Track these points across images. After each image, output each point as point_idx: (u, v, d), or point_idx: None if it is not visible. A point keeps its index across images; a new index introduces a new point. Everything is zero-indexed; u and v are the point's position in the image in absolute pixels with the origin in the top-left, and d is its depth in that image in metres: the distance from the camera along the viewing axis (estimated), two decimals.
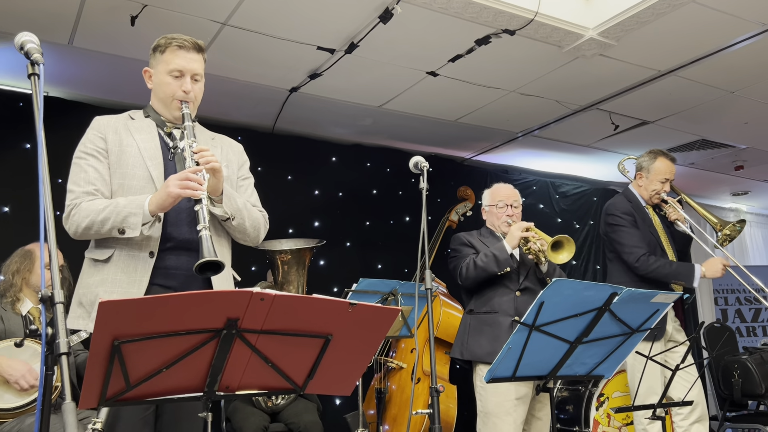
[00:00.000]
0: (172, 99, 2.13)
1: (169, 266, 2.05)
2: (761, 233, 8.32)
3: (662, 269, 3.28)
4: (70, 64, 3.94)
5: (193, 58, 2.14)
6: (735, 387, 4.42)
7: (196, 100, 2.18)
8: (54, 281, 1.37)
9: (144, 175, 2.07)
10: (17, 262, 3.17)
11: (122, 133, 2.13)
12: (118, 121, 2.17)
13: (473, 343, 2.99)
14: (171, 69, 2.11)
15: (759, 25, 3.57)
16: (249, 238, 2.21)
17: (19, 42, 1.67)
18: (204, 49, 2.20)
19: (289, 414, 3.73)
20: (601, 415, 3.94)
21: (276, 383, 1.58)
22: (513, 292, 3.02)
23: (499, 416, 2.85)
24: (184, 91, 2.11)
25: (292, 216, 5.02)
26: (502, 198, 3.26)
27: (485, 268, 2.97)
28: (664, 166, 3.48)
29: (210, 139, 2.28)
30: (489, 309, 3.01)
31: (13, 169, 4.11)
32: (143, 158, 2.09)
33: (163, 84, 2.13)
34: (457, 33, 3.60)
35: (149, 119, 2.19)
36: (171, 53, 2.12)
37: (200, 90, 2.19)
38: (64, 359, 1.30)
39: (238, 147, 2.36)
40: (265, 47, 3.75)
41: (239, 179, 2.29)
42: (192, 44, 2.14)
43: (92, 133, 2.13)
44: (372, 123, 5.05)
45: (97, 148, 2.09)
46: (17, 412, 2.82)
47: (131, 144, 2.11)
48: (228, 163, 2.24)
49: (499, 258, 2.96)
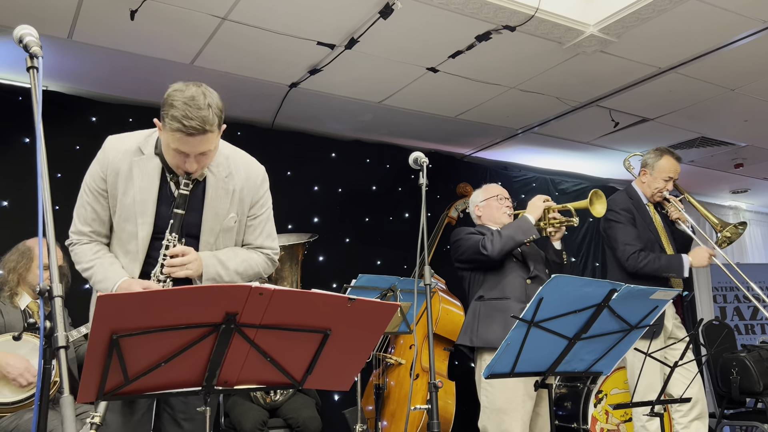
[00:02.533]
0: (176, 168, 1.99)
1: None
2: (760, 231, 8.33)
3: (652, 264, 3.29)
4: (70, 58, 3.93)
5: (200, 141, 1.89)
6: (733, 384, 4.43)
7: (204, 166, 2.02)
8: (53, 274, 1.37)
9: (132, 232, 2.04)
10: (15, 260, 3.15)
11: (123, 177, 2.02)
12: (125, 158, 2.03)
13: (484, 330, 2.94)
14: (174, 147, 1.92)
15: (759, 22, 3.56)
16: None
17: (17, 35, 1.66)
18: (216, 123, 1.92)
19: (288, 409, 3.73)
20: (600, 412, 3.94)
21: (274, 378, 1.58)
22: (524, 279, 3.01)
23: (508, 412, 2.80)
24: (186, 172, 1.96)
25: (291, 212, 5.02)
26: (497, 192, 3.26)
27: (512, 236, 2.94)
28: (669, 164, 3.48)
29: (223, 178, 2.09)
30: (500, 295, 2.98)
31: (12, 163, 4.11)
32: (135, 214, 2.02)
33: (167, 150, 1.96)
34: (458, 29, 3.60)
35: (158, 159, 2.04)
36: (173, 134, 1.88)
37: (209, 157, 2.00)
38: (62, 353, 1.30)
39: (256, 180, 2.18)
40: (265, 42, 3.74)
41: (249, 219, 2.19)
42: (199, 129, 1.87)
43: (96, 169, 2.05)
44: (372, 119, 5.04)
45: (97, 188, 2.05)
46: (16, 407, 2.82)
47: (128, 194, 2.02)
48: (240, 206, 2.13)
49: (523, 227, 2.96)
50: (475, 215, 3.32)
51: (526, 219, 3.01)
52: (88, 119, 4.45)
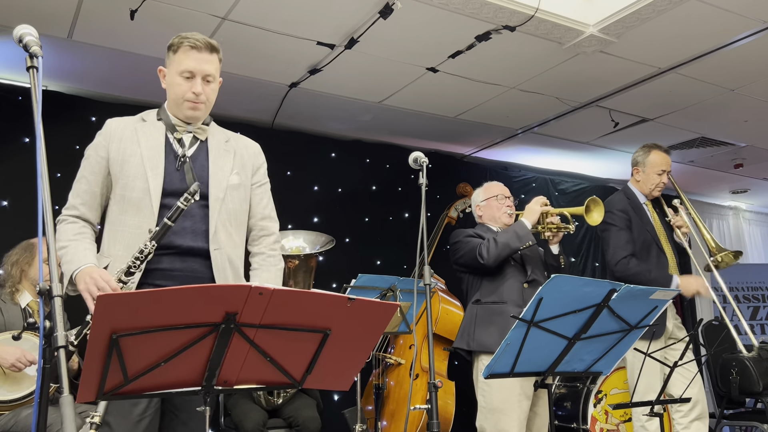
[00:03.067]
0: (183, 100, 2.09)
1: (170, 268, 2.04)
2: (760, 231, 8.33)
3: (639, 276, 3.23)
4: (70, 57, 3.93)
5: (205, 59, 2.08)
6: (733, 385, 4.43)
7: (208, 102, 2.13)
8: (52, 274, 1.37)
9: (143, 187, 2.04)
10: (17, 254, 3.19)
11: (128, 141, 2.09)
12: (128, 126, 2.14)
13: (481, 333, 2.94)
14: (182, 70, 2.07)
15: (759, 22, 3.57)
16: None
17: (17, 35, 1.66)
18: (218, 50, 2.13)
19: (288, 409, 3.73)
20: (599, 412, 3.94)
21: (274, 378, 1.57)
22: (521, 283, 2.99)
23: (505, 412, 2.81)
24: (194, 93, 2.07)
25: (291, 212, 5.02)
26: (499, 191, 3.24)
27: (508, 243, 2.92)
28: (659, 158, 3.49)
29: (224, 142, 2.22)
30: (497, 299, 2.97)
31: (11, 163, 4.11)
32: (144, 168, 2.06)
33: (174, 85, 2.10)
34: (458, 29, 3.60)
35: (161, 122, 2.16)
36: (183, 53, 2.08)
37: (213, 91, 2.14)
38: (62, 352, 1.30)
39: (254, 149, 2.31)
40: (265, 42, 3.74)
41: (254, 186, 2.26)
42: (205, 44, 2.08)
43: (99, 139, 2.12)
44: (372, 119, 5.04)
45: (97, 156, 2.09)
46: (14, 404, 2.82)
47: (135, 153, 2.07)
48: (242, 168, 2.20)
49: (519, 233, 2.94)
50: (476, 214, 3.31)
51: (523, 224, 2.99)
52: (88, 119, 4.45)
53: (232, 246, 2.15)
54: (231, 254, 2.14)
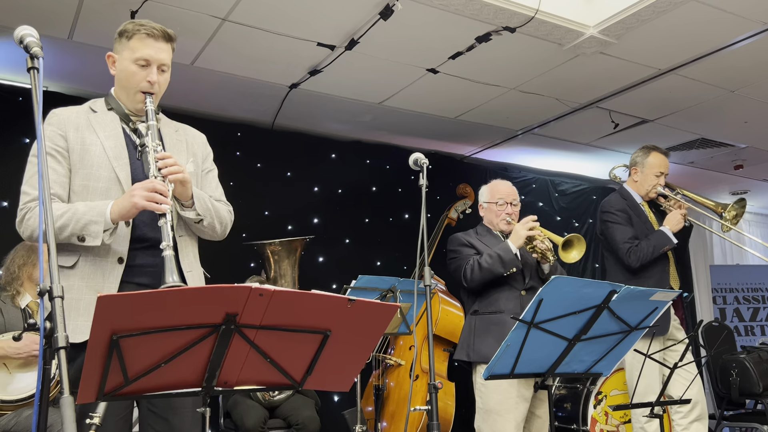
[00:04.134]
0: (136, 91, 2.03)
1: (143, 264, 1.98)
2: (760, 232, 8.33)
3: (646, 249, 3.32)
4: (70, 58, 3.93)
5: (161, 48, 2.03)
6: (733, 386, 4.43)
7: (160, 92, 2.08)
8: (53, 276, 1.37)
9: (110, 177, 1.98)
10: (23, 255, 3.16)
11: (84, 130, 2.01)
12: (79, 115, 2.05)
13: (480, 344, 2.92)
14: (137, 57, 2.00)
15: (760, 24, 3.57)
16: (217, 235, 2.15)
17: (18, 35, 1.66)
18: (174, 39, 2.08)
19: (288, 409, 3.74)
20: (599, 413, 3.94)
21: (274, 379, 1.57)
22: (518, 291, 2.97)
23: (501, 414, 2.81)
24: (149, 82, 2.01)
25: (291, 212, 5.03)
26: (502, 196, 3.17)
27: (491, 270, 2.89)
28: (657, 160, 3.51)
29: (174, 132, 2.18)
30: (495, 309, 2.96)
31: (12, 163, 4.10)
32: (108, 158, 1.98)
33: (128, 72, 2.02)
34: (458, 30, 3.60)
35: (112, 112, 2.09)
36: (138, 40, 2.01)
37: (165, 81, 2.09)
38: (62, 353, 1.30)
39: (202, 138, 2.28)
40: (265, 43, 3.74)
41: (204, 172, 2.21)
42: (161, 33, 2.03)
43: (50, 130, 1.99)
44: (372, 120, 5.04)
45: (56, 147, 1.98)
46: (16, 405, 2.82)
47: (95, 142, 2.00)
48: (194, 157, 2.17)
49: (504, 258, 2.88)
50: (480, 213, 3.31)
51: (508, 249, 2.90)
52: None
53: (191, 235, 2.13)
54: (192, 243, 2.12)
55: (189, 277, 2.02)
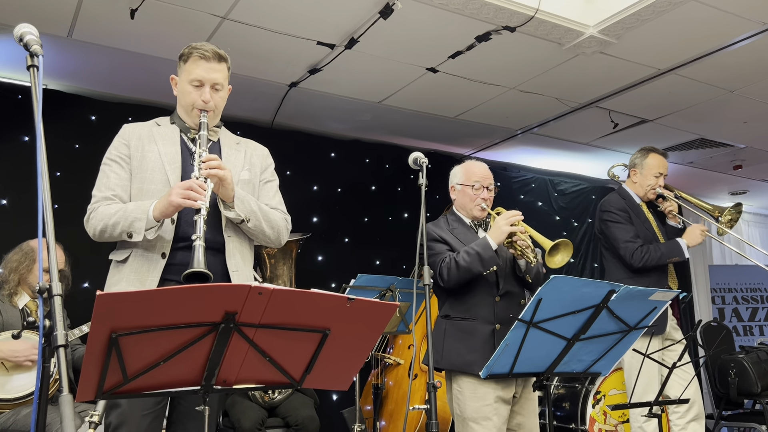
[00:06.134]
0: (192, 108, 2.18)
1: (181, 263, 2.07)
2: (759, 232, 8.34)
3: (653, 255, 3.32)
4: (70, 56, 3.93)
5: (213, 68, 2.17)
6: (731, 386, 4.44)
7: (217, 109, 2.23)
8: (52, 273, 1.37)
9: (162, 179, 2.13)
10: (17, 260, 3.15)
11: (145, 140, 2.20)
12: (144, 128, 2.24)
13: (450, 351, 2.71)
14: (191, 79, 2.16)
15: (759, 24, 3.57)
16: (270, 239, 2.26)
17: (18, 33, 1.66)
18: (226, 59, 2.23)
19: (286, 408, 3.73)
20: (598, 413, 3.94)
21: (273, 377, 1.58)
22: (492, 297, 2.73)
23: (479, 421, 2.62)
24: (204, 101, 2.16)
25: (290, 211, 4.97)
26: (478, 179, 2.86)
27: (469, 269, 2.63)
28: (656, 161, 3.53)
29: (235, 144, 2.33)
30: (466, 315, 2.72)
31: (11, 161, 4.11)
32: (163, 163, 2.15)
33: (185, 93, 2.19)
34: (458, 29, 3.60)
35: (174, 126, 2.27)
36: (192, 63, 2.17)
37: (222, 99, 2.24)
38: (61, 351, 1.30)
39: (263, 151, 2.41)
40: (265, 42, 3.74)
41: (262, 182, 2.34)
42: (213, 54, 2.18)
43: (118, 141, 2.21)
44: (371, 119, 5.04)
45: (120, 155, 2.17)
46: (15, 403, 2.82)
47: (153, 150, 2.17)
48: (251, 167, 2.30)
49: (483, 256, 2.62)
50: (451, 195, 2.98)
51: (488, 246, 2.64)
52: (88, 118, 4.45)
53: (241, 237, 2.21)
54: (242, 245, 2.20)
55: (234, 276, 2.13)
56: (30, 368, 2.84)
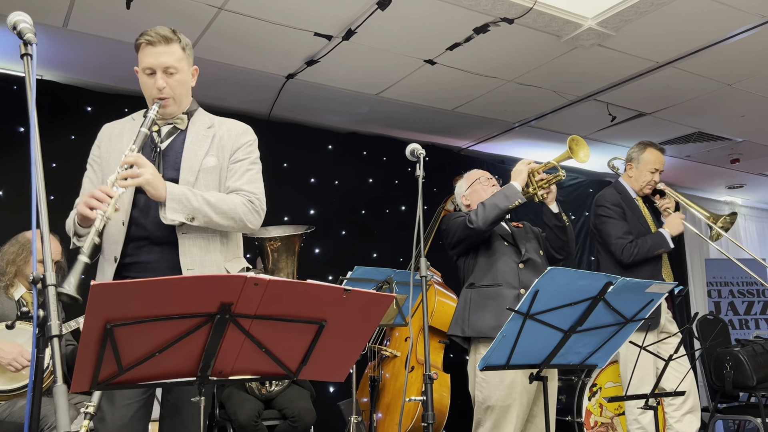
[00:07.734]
0: (152, 99, 2.09)
1: (147, 261, 2.05)
2: (755, 226, 8.35)
3: (642, 248, 3.35)
4: (65, 47, 3.90)
5: (161, 52, 2.06)
6: (727, 379, 4.45)
7: (175, 94, 2.10)
8: (46, 262, 1.36)
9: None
10: (14, 252, 3.13)
11: (114, 138, 2.17)
12: (116, 127, 2.22)
13: (476, 318, 2.81)
14: (143, 68, 2.09)
15: (758, 17, 3.56)
16: (232, 229, 2.12)
17: (11, 21, 1.65)
18: (176, 38, 2.10)
19: (283, 401, 3.74)
20: (594, 405, 3.96)
21: (269, 369, 1.57)
22: (516, 264, 2.89)
23: (504, 410, 2.70)
24: (158, 89, 2.07)
25: (287, 204, 5.01)
26: (479, 175, 3.16)
27: (496, 204, 2.80)
28: (653, 156, 3.53)
29: (205, 129, 2.19)
30: (492, 281, 2.85)
31: (6, 152, 4.09)
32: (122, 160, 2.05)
33: (142, 84, 2.12)
34: (456, 21, 3.58)
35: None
36: (142, 51, 2.08)
37: (179, 82, 2.11)
38: (56, 341, 1.29)
39: (238, 130, 2.25)
40: (262, 33, 3.72)
41: (231, 163, 2.19)
42: (159, 37, 2.06)
43: (94, 144, 2.22)
44: (369, 111, 5.03)
45: (93, 158, 2.19)
46: (10, 395, 2.82)
47: (116, 149, 2.12)
48: (220, 150, 2.16)
49: (507, 193, 2.85)
50: (464, 206, 3.20)
51: (511, 185, 2.90)
52: (84, 109, 4.43)
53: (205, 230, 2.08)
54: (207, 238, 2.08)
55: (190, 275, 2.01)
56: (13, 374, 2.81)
